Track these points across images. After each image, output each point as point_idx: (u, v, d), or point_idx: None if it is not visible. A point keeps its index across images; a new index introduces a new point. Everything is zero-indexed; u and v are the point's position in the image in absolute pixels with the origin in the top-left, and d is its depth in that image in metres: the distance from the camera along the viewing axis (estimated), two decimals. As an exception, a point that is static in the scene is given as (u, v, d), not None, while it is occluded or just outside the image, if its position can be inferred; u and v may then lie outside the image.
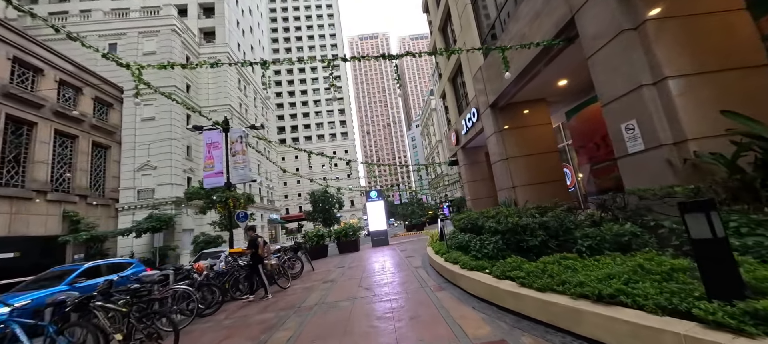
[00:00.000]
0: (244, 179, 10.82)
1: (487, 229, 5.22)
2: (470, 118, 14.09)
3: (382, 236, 16.20)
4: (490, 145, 11.03)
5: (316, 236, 14.47)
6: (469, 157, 16.63)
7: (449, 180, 42.41)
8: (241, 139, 10.94)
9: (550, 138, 10.34)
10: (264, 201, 37.40)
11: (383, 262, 9.76)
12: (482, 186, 16.45)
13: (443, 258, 6.27)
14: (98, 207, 21.38)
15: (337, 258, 13.25)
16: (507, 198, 10.01)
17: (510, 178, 9.99)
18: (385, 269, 8.33)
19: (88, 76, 21.54)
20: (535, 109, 10.40)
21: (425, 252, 10.22)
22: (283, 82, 75.20)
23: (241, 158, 10.80)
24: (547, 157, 10.10)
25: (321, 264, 12.18)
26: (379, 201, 16.74)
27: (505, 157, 10.15)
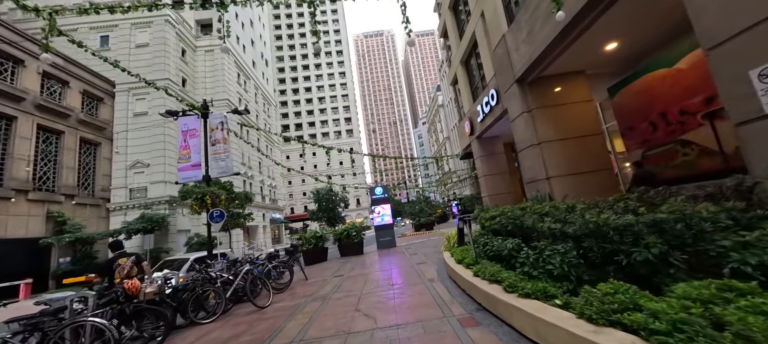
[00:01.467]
0: (225, 172, 9.25)
1: (543, 233, 3.47)
2: (488, 101, 12.30)
3: (388, 237, 14.51)
4: (516, 129, 9.22)
5: (313, 238, 12.84)
6: (486, 148, 14.81)
7: (458, 177, 40.46)
8: (222, 126, 9.36)
9: (593, 118, 8.50)
10: (266, 201, 36.06)
11: (389, 271, 8.05)
12: (500, 181, 14.62)
13: (472, 271, 4.54)
14: (87, 207, 20.16)
15: (337, 264, 11.60)
16: (539, 192, 8.21)
17: (543, 168, 8.18)
18: (391, 282, 6.62)
19: (75, 68, 20.32)
20: (573, 83, 8.56)
21: (440, 258, 8.49)
22: (287, 79, 74.06)
23: (223, 147, 9.22)
24: (590, 141, 8.26)
25: (317, 270, 10.54)
26: (384, 197, 15.05)
27: (536, 142, 8.34)
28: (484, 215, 5.70)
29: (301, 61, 75.49)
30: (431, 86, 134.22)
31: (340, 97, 74.69)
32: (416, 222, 27.04)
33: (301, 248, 12.51)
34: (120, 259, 5.02)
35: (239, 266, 6.79)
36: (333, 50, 77.25)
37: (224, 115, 9.62)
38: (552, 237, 3.31)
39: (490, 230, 5.17)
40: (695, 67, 6.74)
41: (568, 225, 3.11)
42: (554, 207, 3.88)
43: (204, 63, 29.37)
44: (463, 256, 5.45)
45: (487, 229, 5.31)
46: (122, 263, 4.95)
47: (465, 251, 5.85)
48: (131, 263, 5.02)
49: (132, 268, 4.96)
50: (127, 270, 4.87)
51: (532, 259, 3.35)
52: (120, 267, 4.89)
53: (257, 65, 39.73)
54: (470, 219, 6.36)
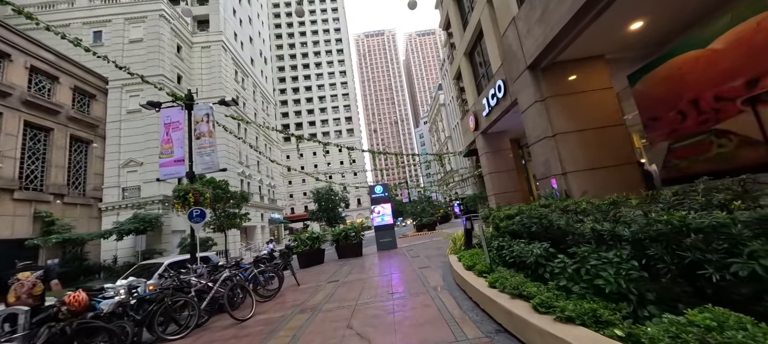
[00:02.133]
0: (210, 168, 8.53)
1: (581, 236, 2.71)
2: (494, 93, 11.53)
3: (389, 238, 13.75)
4: (527, 120, 8.46)
5: (309, 239, 12.10)
6: (491, 144, 14.04)
7: (462, 176, 39.67)
8: (208, 118, 8.64)
9: (613, 107, 7.72)
10: (265, 200, 35.37)
11: (389, 276, 7.29)
12: (507, 178, 13.85)
13: (486, 281, 3.78)
14: (77, 207, 19.50)
15: (333, 266, 10.87)
16: (553, 188, 7.45)
17: (558, 162, 7.41)
18: (391, 290, 5.87)
19: (66, 64, 19.67)
20: (591, 69, 7.79)
21: (445, 262, 7.73)
22: (287, 78, 73.45)
23: (208, 141, 8.49)
24: (611, 133, 7.49)
25: (312, 274, 9.81)
26: (385, 196, 14.30)
27: (550, 133, 7.57)
28: (498, 214, 4.94)
29: (302, 60, 74.85)
30: (432, 85, 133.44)
31: (340, 95, 74.01)
32: (418, 222, 26.27)
33: (296, 250, 11.78)
34: (20, 274, 4.16)
35: (219, 272, 6.06)
36: (333, 49, 76.57)
37: (210, 106, 8.90)
38: (597, 241, 2.56)
39: (506, 231, 4.42)
40: (735, 46, 5.96)
41: (622, 226, 2.36)
42: (592, 205, 3.12)
43: (200, 59, 28.72)
44: (473, 261, 4.69)
45: (503, 231, 4.55)
46: (22, 278, 4.11)
47: (475, 255, 5.09)
48: (35, 278, 4.19)
49: (35, 286, 4.11)
50: (28, 287, 4.02)
51: (570, 270, 2.59)
52: (18, 284, 4.03)
53: (256, 63, 39.08)
54: (481, 219, 5.59)
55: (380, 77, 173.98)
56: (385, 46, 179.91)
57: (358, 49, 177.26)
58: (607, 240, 2.48)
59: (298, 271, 10.99)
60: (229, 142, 28.24)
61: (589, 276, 2.40)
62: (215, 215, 21.37)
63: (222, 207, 21.40)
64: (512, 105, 10.57)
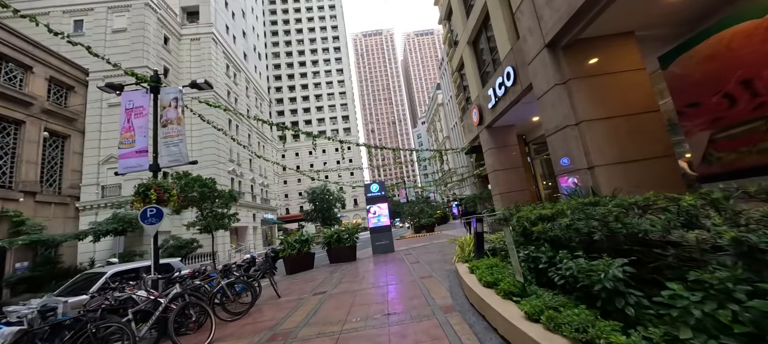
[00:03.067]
0: (178, 160, 7.37)
1: (690, 250, 1.60)
2: (501, 82, 10.49)
3: (385, 241, 12.64)
4: (544, 108, 7.38)
5: (297, 241, 10.95)
6: (497, 139, 12.99)
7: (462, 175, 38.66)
8: (177, 103, 7.48)
9: (647, 90, 6.66)
10: (257, 200, 34.10)
11: (385, 288, 6.18)
12: (514, 176, 12.80)
13: (520, 310, 2.67)
14: (52, 205, 18.18)
15: (323, 273, 9.74)
16: (578, 185, 6.38)
17: (583, 154, 6.35)
18: (387, 308, 4.76)
19: (40, 52, 18.36)
20: (620, 47, 6.74)
21: (450, 270, 6.62)
22: (283, 76, 72.17)
23: (176, 129, 7.34)
24: (645, 120, 6.44)
25: (298, 282, 8.67)
26: (381, 195, 13.19)
27: (573, 121, 6.51)
28: (527, 214, 3.84)
29: (298, 58, 73.60)
30: (431, 86, 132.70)
31: (337, 94, 72.85)
32: (416, 223, 25.19)
33: (282, 254, 10.63)
34: None
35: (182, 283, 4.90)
36: (330, 46, 75.39)
37: (179, 89, 7.74)
38: (743, 258, 1.47)
39: (542, 238, 3.32)
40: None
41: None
42: (693, 203, 2.03)
43: (189, 52, 27.45)
44: (494, 277, 3.59)
45: (537, 236, 3.45)
46: None
47: (496, 269, 3.98)
48: None
49: None
50: None
51: (697, 311, 1.49)
52: None
53: (249, 58, 37.83)
54: (498, 221, 4.50)
55: (378, 77, 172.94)
56: (383, 45, 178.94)
57: (356, 49, 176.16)
58: (752, 254, 1.40)
59: (282, 279, 9.86)
60: (220, 138, 27.01)
61: (745, 326, 1.31)
62: (201, 215, 20.13)
63: (209, 206, 20.17)
64: (523, 93, 9.53)
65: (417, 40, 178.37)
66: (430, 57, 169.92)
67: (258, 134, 37.66)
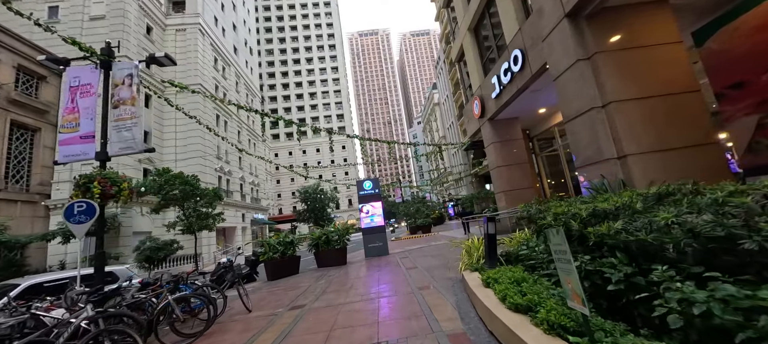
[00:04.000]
0: (131, 147, 6.21)
1: None
2: (508, 68, 9.49)
3: (379, 243, 11.55)
4: (564, 88, 6.37)
5: (281, 244, 9.81)
6: (500, 132, 12.00)
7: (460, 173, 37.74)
8: (132, 80, 6.33)
9: (685, 66, 5.69)
10: (247, 199, 32.76)
11: (377, 302, 5.11)
12: (519, 173, 11.82)
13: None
14: (18, 204, 16.77)
15: (308, 279, 8.64)
16: (606, 178, 5.37)
17: (611, 141, 5.35)
18: (378, 333, 3.69)
19: (7, 38, 16.95)
20: (651, 17, 5.76)
21: (455, 279, 5.57)
22: (277, 73, 70.75)
23: (129, 111, 6.19)
24: (684, 102, 5.46)
25: (277, 291, 7.56)
26: (375, 193, 12.11)
27: (599, 103, 5.51)
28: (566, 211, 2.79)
29: (292, 55, 72.26)
30: (426, 86, 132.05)
31: (332, 92, 71.64)
32: (412, 224, 24.14)
33: (262, 257, 9.48)
34: None
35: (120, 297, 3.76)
36: (325, 44, 74.16)
37: (135, 63, 6.58)
38: None
39: (609, 244, 2.26)
40: None
41: None
42: None
43: (174, 43, 26.10)
44: (529, 299, 2.52)
45: (595, 241, 2.39)
46: None
47: (527, 285, 2.92)
48: None
49: None
50: None
51: None
52: None
53: (240, 52, 36.48)
54: (530, 219, 3.47)
55: (374, 77, 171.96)
56: (379, 45, 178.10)
57: (352, 48, 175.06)
58: None
59: (262, 286, 8.72)
60: (206, 134, 25.68)
61: None
62: (183, 215, 18.86)
63: (191, 205, 18.90)
64: (532, 78, 8.54)
65: (413, 40, 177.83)
66: (426, 57, 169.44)
67: (249, 131, 36.33)
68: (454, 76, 40.60)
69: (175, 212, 19.02)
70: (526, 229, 5.25)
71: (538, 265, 3.36)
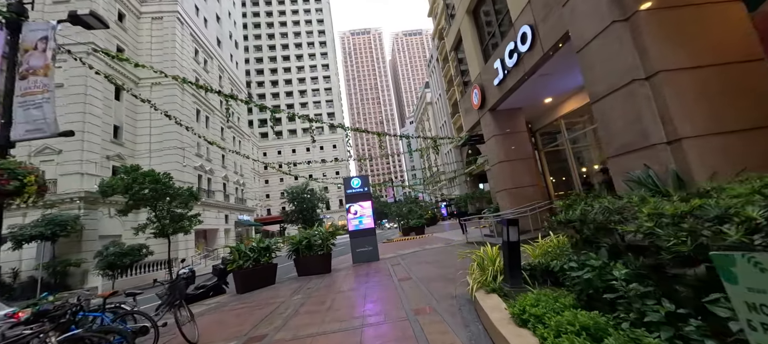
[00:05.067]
0: (41, 129, 4.80)
1: None
2: (514, 49, 8.37)
3: (368, 247, 10.31)
4: (591, 60, 5.23)
5: (253, 250, 8.46)
6: (502, 124, 10.88)
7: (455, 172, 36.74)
8: (46, 45, 4.93)
9: (746, 28, 4.58)
10: (231, 200, 31.06)
11: (358, 334, 3.85)
12: (523, 168, 10.72)
13: None
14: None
15: (284, 292, 7.35)
16: (651, 169, 4.22)
17: (659, 121, 4.23)
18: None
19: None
20: (703, -29, 4.65)
21: (460, 297, 4.35)
22: (265, 70, 68.82)
23: (42, 83, 4.79)
24: (745, 73, 4.36)
25: (239, 311, 6.25)
26: (364, 192, 10.86)
27: (642, 74, 4.39)
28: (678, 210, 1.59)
29: (282, 52, 70.40)
30: (419, 86, 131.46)
31: (322, 90, 70.07)
32: (404, 225, 22.96)
33: (230, 267, 8.12)
34: None
35: None
36: (316, 41, 72.51)
37: (52, 24, 5.17)
38: None
39: None
40: None
41: None
42: None
43: (150, 32, 24.32)
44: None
45: None
46: None
47: (606, 334, 1.68)
48: None
49: None
50: None
51: None
52: None
53: (224, 45, 34.74)
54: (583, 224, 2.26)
55: (366, 76, 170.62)
56: (371, 44, 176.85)
57: (344, 47, 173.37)
58: None
59: (229, 300, 7.35)
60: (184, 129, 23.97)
61: None
62: (155, 216, 17.28)
63: (164, 206, 17.34)
64: (543, 59, 7.43)
65: (405, 39, 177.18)
66: (419, 57, 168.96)
67: (233, 128, 34.60)
68: (447, 72, 39.65)
69: (148, 214, 17.44)
70: (560, 236, 4.06)
71: (619, 303, 2.14)
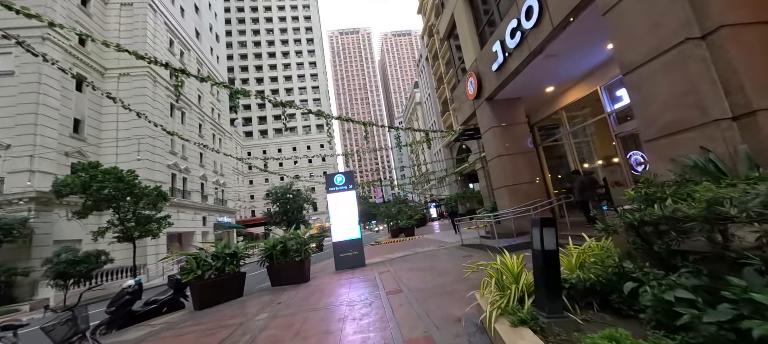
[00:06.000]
0: None
1: None
2: (517, 26, 7.48)
3: (353, 251, 9.16)
4: (623, 21, 4.26)
5: (217, 257, 7.17)
6: (501, 115, 9.96)
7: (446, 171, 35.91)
8: None
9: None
10: (209, 201, 29.25)
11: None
12: (523, 163, 9.81)
13: None
14: None
15: (248, 309, 6.19)
16: (711, 152, 3.25)
17: (720, 90, 3.27)
18: None
19: None
20: None
21: (470, 319, 3.25)
22: (250, 67, 66.68)
23: None
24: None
25: (182, 339, 4.99)
26: (348, 191, 9.70)
27: (698, 31, 3.45)
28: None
29: (268, 48, 68.37)
30: (408, 87, 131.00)
31: (310, 89, 68.41)
32: (394, 226, 21.88)
33: (185, 278, 6.82)
34: None
35: None
36: (303, 38, 70.77)
37: None
38: None
39: None
40: None
41: None
42: None
43: (119, 19, 22.44)
44: None
45: None
46: None
47: None
48: None
49: None
50: None
51: None
52: None
53: (203, 37, 32.88)
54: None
55: (354, 76, 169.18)
56: (360, 44, 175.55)
57: (332, 47, 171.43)
58: None
59: (184, 318, 6.05)
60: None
61: None
62: (118, 219, 15.65)
63: (128, 206, 15.70)
64: (552, 34, 6.48)
65: (394, 40, 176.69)
66: (408, 58, 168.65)
67: (213, 125, 32.75)
68: (437, 70, 38.89)
69: (112, 216, 15.76)
70: (604, 240, 3.02)
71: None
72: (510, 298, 2.67)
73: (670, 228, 1.95)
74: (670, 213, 1.92)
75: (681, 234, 1.88)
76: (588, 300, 2.70)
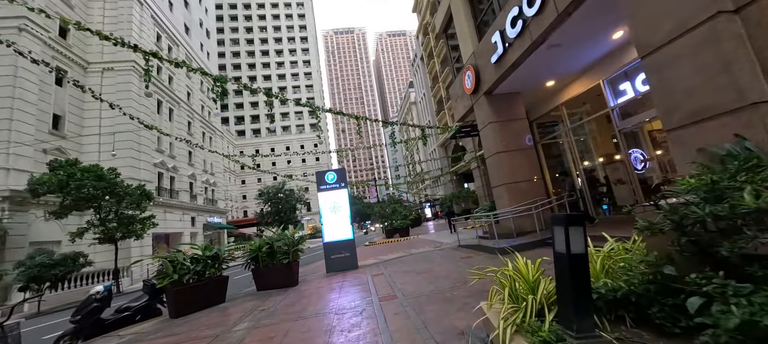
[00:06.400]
0: None
1: None
2: (519, 13, 7.10)
3: (345, 252, 8.67)
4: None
5: (196, 260, 6.62)
6: (500, 111, 9.55)
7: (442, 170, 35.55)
8: None
9: None
10: (198, 201, 28.42)
11: None
12: (523, 160, 9.42)
13: None
14: None
15: (229, 317, 5.70)
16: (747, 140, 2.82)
17: (759, 71, 2.85)
18: None
19: None
20: None
21: (478, 333, 2.75)
22: (243, 65, 65.62)
23: None
24: None
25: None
26: (340, 189, 9.20)
27: (731, 5, 3.03)
28: None
29: (260, 46, 67.38)
30: (403, 87, 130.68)
31: (303, 88, 67.62)
32: (388, 226, 21.40)
33: (161, 283, 6.25)
34: None
35: None
36: (297, 36, 69.92)
37: None
38: None
39: None
40: None
41: None
42: None
43: (103, 10, 21.57)
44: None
45: None
46: None
47: None
48: None
49: None
50: None
51: None
52: None
53: (193, 33, 32.02)
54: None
55: (349, 76, 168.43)
56: (354, 44, 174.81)
57: (327, 46, 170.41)
58: None
59: (154, 330, 5.48)
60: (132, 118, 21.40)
61: None
62: (99, 219, 14.92)
63: (109, 206, 14.98)
64: (557, 21, 6.08)
65: (389, 40, 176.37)
66: (403, 58, 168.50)
67: (203, 123, 31.90)
68: (432, 69, 38.55)
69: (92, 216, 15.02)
70: (638, 242, 2.59)
71: None
72: (527, 312, 2.22)
73: (746, 225, 1.52)
74: (756, 204, 1.48)
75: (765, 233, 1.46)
76: (618, 313, 2.26)
